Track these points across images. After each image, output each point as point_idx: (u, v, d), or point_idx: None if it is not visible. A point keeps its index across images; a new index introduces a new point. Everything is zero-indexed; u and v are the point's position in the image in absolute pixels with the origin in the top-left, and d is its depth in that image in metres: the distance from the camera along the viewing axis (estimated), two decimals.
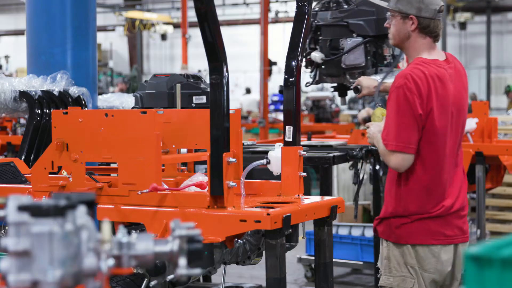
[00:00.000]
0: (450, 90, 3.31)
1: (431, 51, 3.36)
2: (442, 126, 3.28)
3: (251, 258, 3.50)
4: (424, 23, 3.30)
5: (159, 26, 25.07)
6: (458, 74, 3.38)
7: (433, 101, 3.24)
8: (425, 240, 3.31)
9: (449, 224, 3.33)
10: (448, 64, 3.36)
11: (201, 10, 3.00)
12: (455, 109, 3.33)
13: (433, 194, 3.31)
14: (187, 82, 4.06)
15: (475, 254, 1.21)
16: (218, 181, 3.04)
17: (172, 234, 1.48)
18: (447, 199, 3.33)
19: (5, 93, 4.63)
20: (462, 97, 3.39)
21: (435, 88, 3.25)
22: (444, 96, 3.27)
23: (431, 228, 3.31)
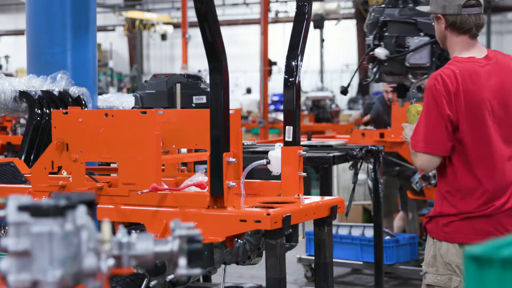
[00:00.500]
0: (487, 85, 3.23)
1: (469, 48, 3.30)
2: (476, 122, 3.23)
3: (251, 258, 3.50)
4: (451, 20, 3.26)
5: (159, 26, 25.07)
6: (502, 70, 3.30)
7: (461, 98, 3.19)
8: (471, 239, 3.24)
9: (499, 223, 3.25)
10: (488, 60, 3.28)
11: (201, 10, 3.00)
12: (498, 104, 3.26)
13: (481, 193, 3.25)
14: (187, 82, 4.06)
15: (475, 254, 1.21)
16: (218, 181, 3.04)
17: (172, 234, 1.48)
18: (498, 198, 3.25)
19: (5, 93, 4.63)
20: (507, 91, 3.30)
21: (465, 85, 3.20)
22: (476, 91, 3.21)
23: (478, 227, 3.24)
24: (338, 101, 19.20)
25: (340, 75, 25.48)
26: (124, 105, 5.89)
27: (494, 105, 3.25)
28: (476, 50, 3.30)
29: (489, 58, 3.29)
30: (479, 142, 3.25)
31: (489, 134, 3.25)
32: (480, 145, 3.25)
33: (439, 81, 3.21)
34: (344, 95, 5.20)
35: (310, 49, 17.63)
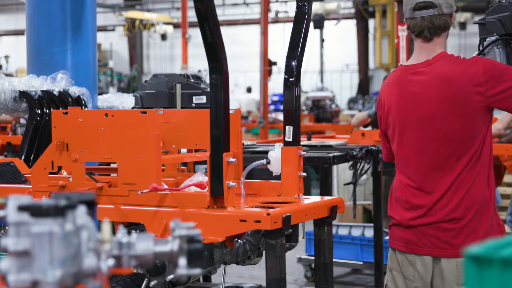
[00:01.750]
0: (403, 95, 3.15)
1: (420, 53, 3.19)
2: (393, 134, 3.22)
3: (251, 258, 3.50)
4: (407, 24, 3.19)
5: (159, 26, 25.08)
6: (432, 78, 3.11)
7: (385, 110, 3.23)
8: (400, 247, 3.22)
9: (423, 234, 3.15)
10: (425, 66, 3.14)
11: (201, 10, 3.00)
12: (409, 116, 3.14)
13: (402, 202, 3.20)
14: (187, 82, 4.06)
15: (475, 254, 1.21)
16: (218, 181, 3.04)
17: (172, 234, 1.48)
18: (419, 209, 3.15)
19: (5, 93, 4.63)
20: (426, 102, 3.10)
21: (386, 97, 3.22)
22: (391, 103, 3.19)
23: (405, 236, 3.20)
24: (338, 101, 19.21)
25: (340, 75, 25.49)
26: (124, 105, 5.89)
27: (408, 116, 3.15)
28: (424, 54, 3.16)
29: (427, 64, 3.14)
30: (396, 151, 3.26)
31: (401, 145, 3.21)
32: (399, 155, 3.25)
33: (380, 91, 3.33)
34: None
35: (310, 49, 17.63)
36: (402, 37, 10.35)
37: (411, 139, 3.15)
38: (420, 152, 3.14)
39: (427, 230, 3.13)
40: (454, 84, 3.05)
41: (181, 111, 3.82)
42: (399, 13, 10.46)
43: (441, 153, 3.10)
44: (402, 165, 3.22)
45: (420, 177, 3.15)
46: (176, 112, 3.62)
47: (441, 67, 3.10)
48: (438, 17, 3.12)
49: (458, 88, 3.04)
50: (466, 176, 3.09)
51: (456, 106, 3.05)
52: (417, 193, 3.16)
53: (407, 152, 3.18)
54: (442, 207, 3.11)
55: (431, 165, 3.12)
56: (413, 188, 3.17)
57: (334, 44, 24.06)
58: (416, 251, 3.17)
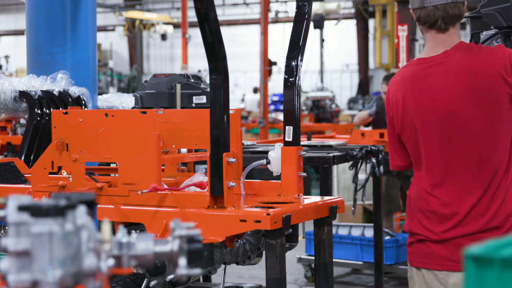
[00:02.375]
0: (425, 89, 2.87)
1: (436, 45, 2.90)
2: (411, 135, 2.92)
3: (251, 258, 3.50)
4: (417, 15, 2.89)
5: (159, 26, 25.09)
6: (455, 69, 2.85)
7: (399, 109, 2.93)
8: (431, 265, 2.89)
9: (459, 248, 2.82)
10: (443, 58, 2.87)
11: (201, 10, 3.00)
12: (438, 112, 2.86)
13: (429, 213, 2.90)
14: (187, 82, 4.06)
15: (475, 254, 1.21)
16: (218, 181, 3.04)
17: (172, 234, 1.48)
18: (451, 220, 2.86)
19: (5, 93, 4.63)
20: (450, 97, 2.84)
21: (403, 93, 2.92)
22: (411, 100, 2.90)
23: (436, 252, 2.87)
24: (338, 101, 19.21)
25: (340, 75, 25.49)
26: (124, 105, 5.89)
27: (430, 114, 2.86)
28: (441, 47, 2.90)
29: (445, 55, 2.88)
30: (412, 152, 2.97)
31: (421, 151, 2.91)
32: (415, 158, 2.95)
33: (388, 90, 3.01)
34: None
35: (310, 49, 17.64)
36: (402, 37, 10.35)
37: (435, 140, 2.85)
38: (446, 153, 2.84)
39: (463, 242, 2.79)
40: (480, 73, 2.80)
41: (181, 111, 3.81)
42: (399, 13, 10.46)
43: (470, 153, 2.82)
44: (426, 170, 2.89)
45: (449, 182, 2.84)
46: (176, 112, 3.62)
47: (462, 57, 2.85)
48: (452, 6, 2.86)
49: (484, 77, 2.79)
50: (502, 179, 2.81)
51: (483, 96, 2.79)
52: (447, 201, 2.84)
53: (431, 154, 2.87)
54: (480, 215, 2.80)
55: (461, 167, 2.83)
56: (441, 195, 2.85)
57: (334, 44, 24.07)
58: (450, 268, 2.83)
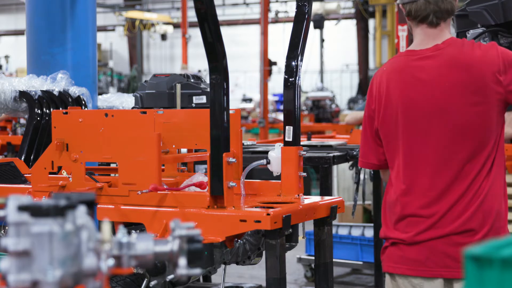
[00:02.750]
0: (412, 84, 2.75)
1: (427, 39, 2.79)
2: (389, 131, 2.78)
3: (251, 258, 3.50)
4: (407, 9, 2.79)
5: (159, 26, 25.09)
6: (443, 64, 2.74)
7: (382, 102, 2.79)
8: (403, 270, 2.76)
9: (433, 251, 2.71)
10: (434, 51, 2.76)
11: (201, 10, 3.00)
12: (424, 106, 2.74)
13: (405, 216, 2.77)
14: (187, 82, 4.06)
15: (475, 254, 1.21)
16: (218, 181, 3.04)
17: (172, 234, 1.48)
18: (426, 221, 2.74)
19: (5, 93, 4.63)
20: (439, 91, 2.72)
21: (388, 86, 2.78)
22: (394, 92, 2.76)
23: (409, 256, 2.74)
24: (338, 101, 19.21)
25: (340, 75, 25.49)
26: (124, 105, 5.89)
27: (416, 107, 2.74)
28: (432, 40, 2.79)
29: (436, 49, 2.78)
30: (389, 152, 2.83)
31: (399, 146, 2.78)
32: (393, 156, 2.81)
33: (372, 81, 2.86)
34: None
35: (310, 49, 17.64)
36: (402, 37, 10.35)
37: (417, 135, 2.73)
38: (429, 149, 2.72)
39: (436, 245, 2.69)
40: (471, 69, 2.70)
41: (181, 111, 3.82)
42: (399, 13, 10.46)
43: (455, 150, 2.70)
44: (403, 169, 2.76)
45: (428, 181, 2.72)
46: (176, 112, 3.62)
47: (454, 51, 2.75)
48: (444, 0, 2.77)
49: (475, 73, 2.69)
50: (483, 181, 2.70)
51: (472, 93, 2.69)
52: (425, 202, 2.72)
53: (410, 151, 2.75)
54: (456, 216, 2.69)
55: (443, 165, 2.71)
56: (419, 196, 2.73)
57: (334, 44, 24.07)
58: (423, 274, 2.71)
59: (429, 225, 2.71)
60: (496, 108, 2.71)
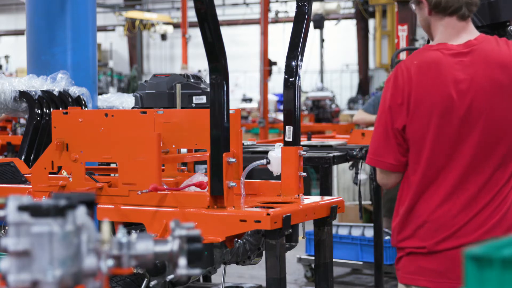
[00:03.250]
0: (451, 80, 2.55)
1: (458, 33, 2.62)
2: (422, 128, 2.56)
3: (251, 258, 3.50)
4: (434, 1, 2.59)
5: (159, 26, 25.08)
6: (480, 61, 2.57)
7: (411, 99, 2.56)
8: (422, 281, 2.60)
9: (453, 261, 2.54)
10: (467, 47, 2.60)
11: (201, 10, 3.00)
12: (467, 105, 2.55)
13: (423, 221, 2.61)
14: (187, 82, 4.06)
15: (475, 254, 1.21)
16: (218, 181, 3.04)
17: (172, 234, 1.48)
18: (447, 228, 2.58)
19: (5, 93, 4.63)
20: (480, 92, 2.54)
21: (419, 80, 2.56)
22: (431, 88, 2.55)
23: (428, 266, 2.59)
24: (338, 101, 19.21)
25: (340, 75, 25.48)
26: (124, 105, 5.89)
27: (454, 107, 2.54)
28: (463, 35, 2.63)
29: (470, 45, 2.61)
30: (419, 157, 2.61)
31: (433, 146, 2.57)
32: (419, 162, 2.60)
33: (398, 73, 2.61)
34: None
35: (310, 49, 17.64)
36: (402, 37, 10.35)
37: (450, 137, 2.55)
38: (460, 153, 2.55)
39: (458, 255, 2.50)
40: (510, 69, 2.56)
41: (181, 111, 3.82)
42: (399, 13, 10.46)
43: (487, 156, 2.55)
44: (429, 173, 2.57)
45: (455, 187, 2.55)
46: (176, 112, 3.62)
47: (490, 49, 2.59)
48: None
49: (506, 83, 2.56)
50: (510, 189, 2.57)
51: (510, 96, 2.55)
52: (448, 208, 2.56)
53: (441, 153, 2.56)
54: (478, 226, 2.55)
55: (473, 170, 2.55)
56: (443, 202, 2.56)
57: (334, 44, 24.06)
58: (444, 286, 2.55)
59: (451, 233, 2.55)
60: None
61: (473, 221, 2.54)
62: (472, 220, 2.54)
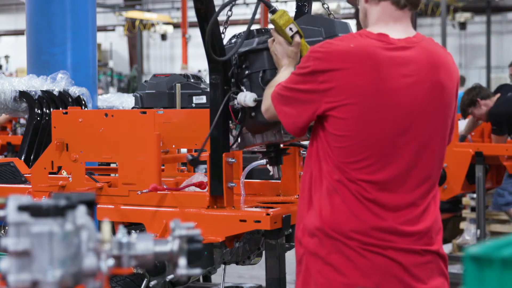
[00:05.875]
0: (395, 76, 2.36)
1: (389, 22, 2.43)
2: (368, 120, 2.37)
3: (251, 258, 3.50)
4: None
5: (159, 26, 25.09)
6: (426, 59, 2.42)
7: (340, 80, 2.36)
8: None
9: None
10: (410, 43, 2.41)
11: (201, 10, 3.00)
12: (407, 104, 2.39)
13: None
14: (187, 82, 4.06)
15: (475, 254, 1.21)
16: (218, 181, 3.03)
17: (172, 234, 1.48)
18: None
19: (5, 93, 4.63)
20: (418, 96, 2.39)
21: (365, 67, 2.35)
22: (363, 78, 2.35)
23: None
24: None
25: None
26: (124, 105, 5.90)
27: (392, 109, 2.37)
28: (399, 27, 2.44)
29: (412, 41, 2.42)
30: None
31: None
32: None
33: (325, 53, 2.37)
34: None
35: None
36: None
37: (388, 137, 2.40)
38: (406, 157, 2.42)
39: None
40: (452, 73, 2.49)
41: (181, 111, 3.81)
42: None
43: (419, 170, 2.45)
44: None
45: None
46: (176, 112, 3.62)
47: (434, 49, 2.46)
48: None
49: (454, 80, 2.49)
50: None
51: (449, 105, 2.48)
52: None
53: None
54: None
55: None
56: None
57: None
58: None
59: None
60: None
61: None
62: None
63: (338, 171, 2.39)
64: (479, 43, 22.99)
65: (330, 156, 2.41)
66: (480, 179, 6.39)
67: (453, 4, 21.22)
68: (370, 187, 2.38)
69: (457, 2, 21.34)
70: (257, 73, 2.95)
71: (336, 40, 2.42)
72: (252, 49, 2.98)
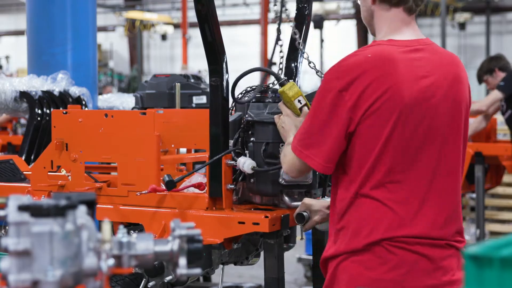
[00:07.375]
0: (410, 78, 2.37)
1: (401, 27, 2.46)
2: (379, 129, 2.38)
3: (249, 259, 3.50)
4: None
5: (159, 27, 25.07)
6: (440, 60, 2.45)
7: (370, 89, 2.36)
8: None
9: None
10: (421, 44, 2.46)
11: (201, 11, 3.00)
12: (426, 108, 2.40)
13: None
14: (187, 82, 4.06)
15: (475, 254, 1.21)
16: (217, 183, 3.03)
17: (172, 234, 1.49)
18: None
19: (6, 93, 4.63)
20: (448, 91, 2.43)
21: (383, 74, 2.35)
22: (391, 86, 2.35)
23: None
24: None
25: None
26: (124, 105, 5.90)
27: (418, 109, 2.37)
28: (411, 31, 2.47)
29: (424, 42, 2.46)
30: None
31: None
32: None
33: (350, 68, 2.38)
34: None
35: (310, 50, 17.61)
36: None
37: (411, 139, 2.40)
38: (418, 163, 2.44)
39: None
40: (463, 74, 2.53)
41: (181, 111, 3.82)
42: None
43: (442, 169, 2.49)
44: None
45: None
46: (176, 112, 3.62)
47: (441, 50, 2.52)
48: None
49: (466, 80, 2.54)
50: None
51: (467, 104, 2.53)
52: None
53: (397, 162, 2.40)
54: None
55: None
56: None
57: (334, 44, 24.07)
58: None
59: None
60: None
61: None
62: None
63: (361, 180, 2.40)
64: (479, 43, 22.98)
65: (353, 167, 2.42)
66: (479, 179, 6.40)
67: (453, 5, 21.21)
68: (395, 189, 2.39)
69: (457, 2, 21.33)
70: (260, 144, 3.05)
71: (350, 56, 2.42)
72: (260, 120, 3.07)
